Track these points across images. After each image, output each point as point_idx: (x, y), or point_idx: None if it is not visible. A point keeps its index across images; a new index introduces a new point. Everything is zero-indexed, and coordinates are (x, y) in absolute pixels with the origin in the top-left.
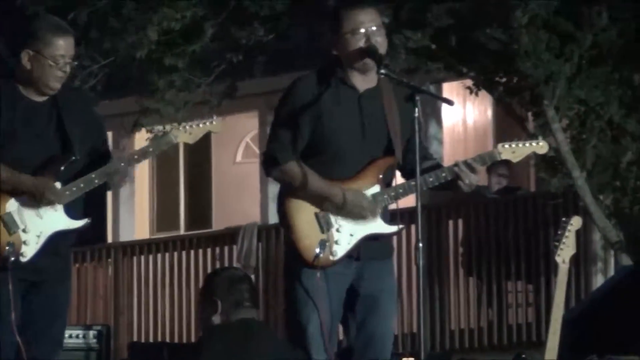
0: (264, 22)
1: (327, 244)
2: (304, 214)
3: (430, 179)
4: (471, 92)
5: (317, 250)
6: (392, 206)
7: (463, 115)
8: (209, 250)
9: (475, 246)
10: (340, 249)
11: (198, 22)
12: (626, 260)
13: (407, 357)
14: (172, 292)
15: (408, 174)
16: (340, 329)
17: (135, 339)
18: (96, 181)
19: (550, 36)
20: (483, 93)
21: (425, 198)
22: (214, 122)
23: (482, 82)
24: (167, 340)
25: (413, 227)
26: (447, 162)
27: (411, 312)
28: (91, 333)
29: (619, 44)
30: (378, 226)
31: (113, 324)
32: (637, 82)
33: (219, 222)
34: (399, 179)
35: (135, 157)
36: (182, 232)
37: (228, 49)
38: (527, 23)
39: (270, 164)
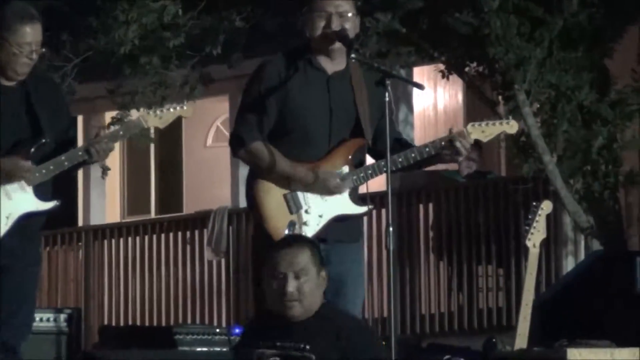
0: (239, 12)
1: (295, 225)
2: (272, 195)
3: (400, 160)
4: (443, 76)
5: (286, 232)
6: (362, 189)
7: (434, 99)
8: (179, 234)
9: (445, 230)
10: (309, 230)
11: (174, 17)
12: (597, 245)
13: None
14: (143, 276)
15: (378, 157)
16: None
17: (106, 322)
18: (66, 163)
19: (521, 21)
20: (454, 77)
21: (396, 182)
22: (185, 107)
23: (453, 66)
24: (138, 323)
25: (383, 211)
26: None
27: (381, 296)
28: (62, 316)
29: (589, 28)
30: (347, 207)
31: (84, 308)
32: (608, 67)
33: (189, 206)
34: (369, 161)
35: (105, 140)
36: (152, 215)
37: (205, 41)
38: (498, 7)
39: (236, 144)
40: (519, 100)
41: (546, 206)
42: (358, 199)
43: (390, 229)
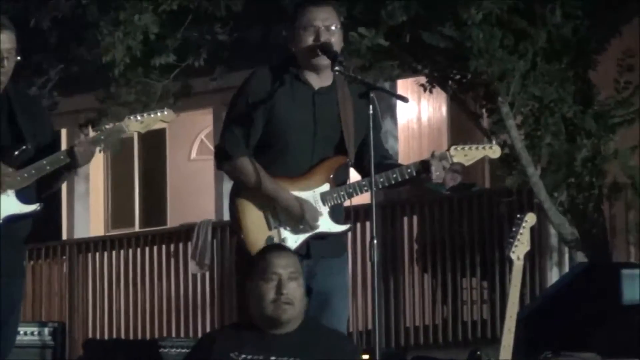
0: (222, 25)
1: (274, 240)
2: (253, 210)
3: (381, 180)
4: (425, 90)
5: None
6: (346, 203)
7: (418, 112)
8: (163, 247)
9: (430, 243)
10: (288, 247)
11: (161, 38)
12: (581, 257)
13: (362, 354)
14: (127, 289)
15: (362, 171)
16: None
17: (90, 335)
18: (48, 167)
19: (505, 33)
20: (437, 90)
21: (380, 195)
22: (165, 112)
23: (437, 79)
24: (122, 337)
25: (368, 223)
26: (401, 158)
27: (366, 309)
28: (46, 330)
29: (573, 40)
30: (326, 225)
31: (68, 321)
32: (591, 79)
33: (173, 219)
34: (356, 176)
35: (87, 143)
36: (137, 229)
37: (189, 54)
38: (481, 20)
39: (222, 157)
40: (503, 112)
41: (530, 218)
42: (339, 216)
43: (375, 241)
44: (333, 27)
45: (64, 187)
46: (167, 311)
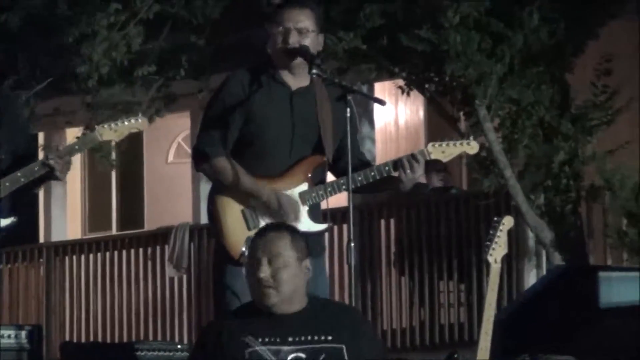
0: (198, 32)
1: None
2: (231, 210)
3: (359, 178)
4: (402, 92)
5: (243, 248)
6: (323, 205)
7: (395, 115)
8: (140, 251)
9: (407, 246)
10: None
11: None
12: (559, 260)
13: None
14: (105, 292)
15: (340, 174)
16: None
17: (67, 338)
18: (22, 180)
19: (482, 36)
20: (415, 93)
21: (358, 198)
22: (139, 120)
23: (414, 82)
24: (100, 339)
25: (345, 226)
26: (379, 161)
27: None
28: (23, 333)
29: (550, 44)
30: (305, 224)
31: (45, 324)
32: (568, 82)
33: (151, 222)
34: (330, 178)
35: (62, 154)
36: (114, 232)
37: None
38: (459, 23)
39: (199, 158)
40: (480, 115)
41: (507, 221)
42: (318, 216)
43: (352, 244)
44: (308, 31)
45: (41, 190)
46: (145, 314)
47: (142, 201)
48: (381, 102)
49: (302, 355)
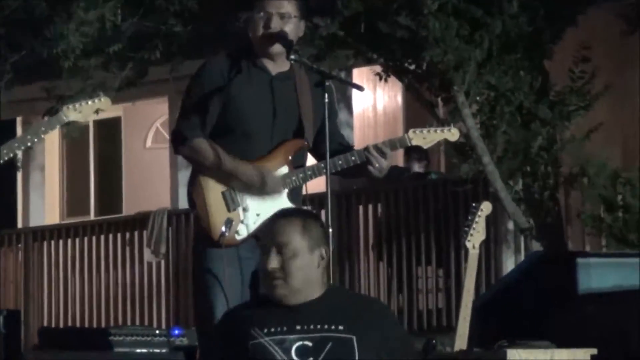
0: (176, 16)
1: (232, 222)
2: (212, 192)
3: (339, 162)
4: (381, 79)
5: (223, 229)
6: (302, 191)
7: (373, 101)
8: (119, 236)
9: (385, 231)
10: (245, 229)
11: (115, 25)
12: (536, 246)
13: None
14: (83, 277)
15: (320, 158)
16: None
17: (45, 324)
18: None
19: (461, 23)
20: (393, 78)
21: (336, 183)
22: (102, 99)
23: (392, 69)
24: (78, 324)
25: (323, 211)
26: (358, 147)
27: None
28: (1, 318)
29: (529, 30)
30: (285, 206)
31: (23, 309)
32: (547, 70)
33: (129, 207)
34: (311, 162)
35: (29, 137)
36: (92, 217)
37: (143, 45)
38: (437, 9)
39: (178, 141)
40: (458, 101)
41: (486, 207)
42: (298, 199)
43: (330, 229)
44: (290, 16)
45: (19, 175)
46: (123, 299)
47: (121, 186)
48: (359, 88)
49: (309, 343)
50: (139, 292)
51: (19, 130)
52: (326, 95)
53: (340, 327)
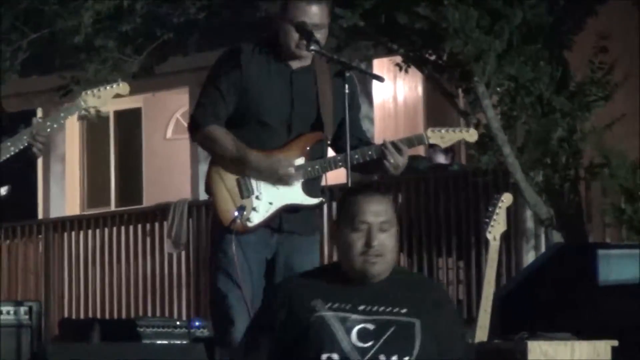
0: (194, 2)
1: (245, 209)
2: (227, 179)
3: (356, 156)
4: (401, 69)
5: (236, 214)
6: (322, 183)
7: (393, 91)
8: (139, 227)
9: (405, 223)
10: (257, 216)
11: (129, 3)
12: (557, 237)
13: None
14: (103, 268)
15: (339, 151)
16: None
17: (66, 315)
18: (12, 148)
19: (481, 13)
20: (413, 69)
21: (356, 175)
22: (120, 85)
23: (412, 59)
24: (98, 316)
25: None
26: (377, 138)
27: None
28: (22, 309)
29: (549, 20)
30: (298, 197)
31: (44, 300)
32: (567, 59)
33: (149, 198)
34: (331, 155)
35: (49, 122)
36: (112, 208)
37: (159, 27)
38: (457, 0)
39: (194, 128)
40: (479, 92)
41: (506, 199)
42: (313, 190)
43: None
44: (322, 25)
45: (39, 166)
46: (143, 290)
47: (141, 177)
48: (380, 79)
49: (370, 326)
50: (159, 283)
51: None
52: (346, 86)
53: (404, 310)
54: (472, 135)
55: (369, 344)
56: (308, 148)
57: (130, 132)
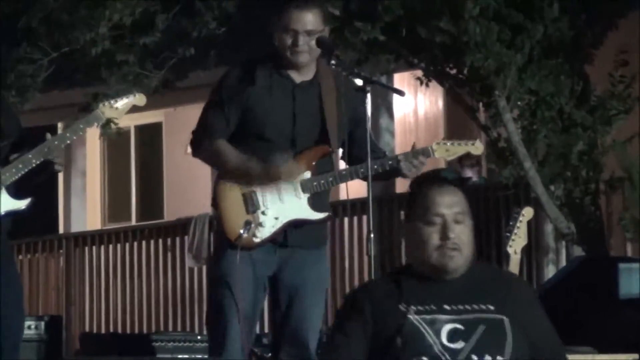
0: (214, 17)
1: (251, 224)
2: (232, 194)
3: (362, 170)
4: (421, 83)
5: (241, 231)
6: (343, 197)
7: (414, 105)
8: (160, 241)
9: None
10: (264, 232)
11: (150, 16)
12: (578, 251)
13: None
14: (124, 283)
15: (351, 163)
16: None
17: (87, 329)
18: (34, 161)
19: (502, 27)
20: (434, 83)
21: (377, 189)
22: (137, 96)
23: (433, 73)
24: (119, 330)
25: (365, 217)
26: (398, 152)
27: None
28: (42, 324)
29: (570, 34)
30: (304, 211)
31: (65, 315)
32: (588, 74)
33: (170, 213)
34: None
35: (67, 134)
36: (133, 222)
37: (179, 42)
38: (478, 14)
39: (196, 144)
40: (499, 106)
41: (527, 212)
42: (320, 205)
43: (372, 235)
44: (314, 32)
45: (60, 180)
46: (164, 305)
47: (162, 192)
48: (400, 93)
49: (460, 326)
50: (180, 297)
51: None
52: (367, 99)
53: (491, 307)
54: (477, 149)
55: (460, 345)
56: (314, 163)
57: (151, 147)
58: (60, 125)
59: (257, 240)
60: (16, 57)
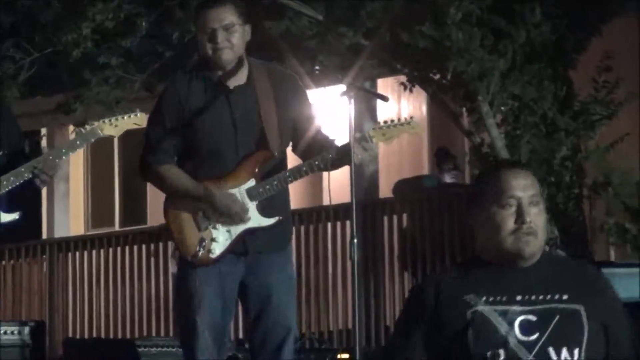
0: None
1: (205, 241)
2: (183, 213)
3: (304, 169)
4: (405, 89)
5: (197, 249)
6: (326, 202)
7: (398, 111)
8: (144, 247)
9: (410, 242)
10: (219, 247)
11: (131, 18)
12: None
13: (342, 353)
14: (108, 288)
15: (305, 157)
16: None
17: (70, 335)
18: (26, 175)
19: (484, 33)
20: (418, 88)
21: (361, 194)
22: (138, 115)
23: (416, 79)
24: (103, 336)
25: (348, 222)
26: (381, 156)
27: (346, 307)
28: (26, 329)
29: (552, 40)
30: (255, 220)
31: (48, 320)
32: (572, 79)
33: (154, 218)
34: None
35: (64, 150)
36: (117, 228)
37: (161, 45)
38: (461, 20)
39: (145, 168)
40: (483, 111)
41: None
42: (270, 210)
43: (355, 240)
44: (231, 26)
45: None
46: (148, 310)
47: (145, 197)
48: (384, 98)
49: (533, 317)
50: (164, 303)
51: (44, 142)
52: (351, 106)
53: (565, 297)
54: (414, 127)
55: (534, 337)
56: (257, 170)
57: (135, 152)
58: (44, 131)
59: (213, 256)
60: None
